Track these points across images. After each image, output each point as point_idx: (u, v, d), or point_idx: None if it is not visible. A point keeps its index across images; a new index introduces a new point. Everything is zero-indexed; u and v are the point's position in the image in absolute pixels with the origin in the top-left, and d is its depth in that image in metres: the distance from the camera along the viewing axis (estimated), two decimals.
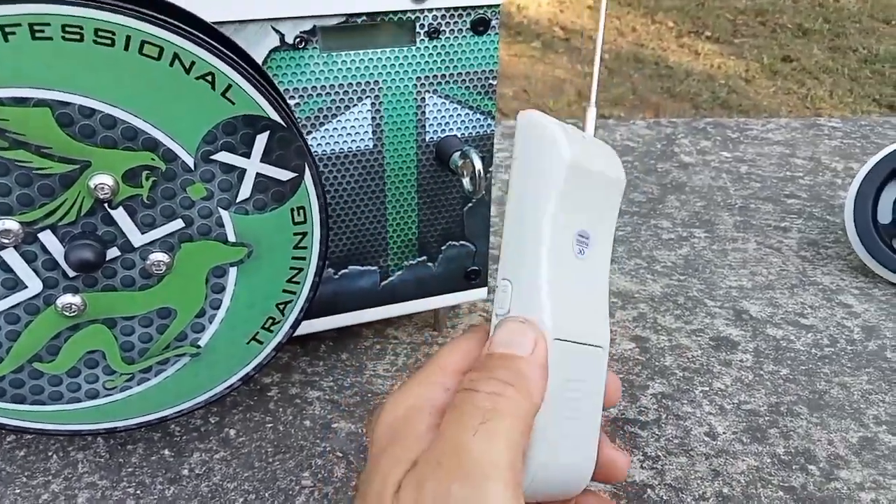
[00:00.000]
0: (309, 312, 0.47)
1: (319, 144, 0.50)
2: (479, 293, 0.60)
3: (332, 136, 0.50)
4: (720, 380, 0.59)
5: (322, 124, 0.49)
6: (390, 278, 0.56)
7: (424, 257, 0.57)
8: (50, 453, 0.50)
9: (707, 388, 0.58)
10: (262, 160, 0.41)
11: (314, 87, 0.48)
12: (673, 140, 1.04)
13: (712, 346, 0.63)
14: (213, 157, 0.40)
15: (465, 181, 0.51)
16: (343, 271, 0.54)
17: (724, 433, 0.53)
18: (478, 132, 0.53)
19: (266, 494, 0.47)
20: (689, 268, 0.74)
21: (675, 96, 2.71)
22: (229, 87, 0.39)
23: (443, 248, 0.57)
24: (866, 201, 0.71)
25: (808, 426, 0.54)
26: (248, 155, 0.41)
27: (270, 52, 0.45)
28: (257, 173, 0.42)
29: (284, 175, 0.42)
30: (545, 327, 0.27)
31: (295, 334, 0.47)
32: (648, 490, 0.49)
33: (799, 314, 0.67)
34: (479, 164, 0.50)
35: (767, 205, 0.87)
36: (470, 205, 0.56)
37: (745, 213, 0.85)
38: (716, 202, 0.88)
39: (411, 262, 0.56)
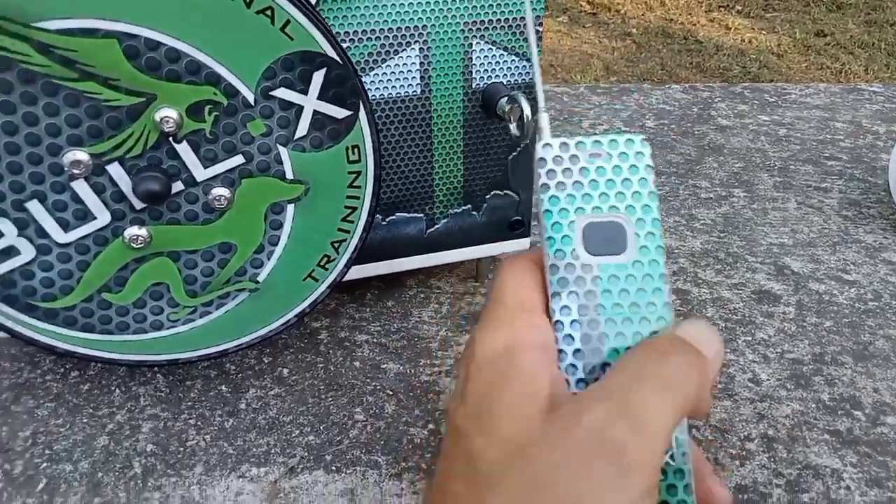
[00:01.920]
0: (358, 259, 0.48)
1: (368, 89, 0.50)
2: (522, 243, 0.61)
3: (381, 80, 0.50)
4: (763, 330, 0.59)
5: (371, 69, 0.50)
6: (436, 226, 0.57)
7: (469, 206, 0.57)
8: (113, 387, 0.52)
9: (750, 338, 0.58)
10: (319, 97, 0.42)
11: (364, 30, 0.48)
12: (710, 104, 1.03)
13: (754, 299, 0.63)
14: (272, 92, 0.41)
15: (513, 126, 0.52)
16: (391, 218, 0.56)
17: (767, 380, 0.54)
18: (524, 79, 0.54)
19: (321, 427, 0.49)
20: (728, 225, 0.74)
21: (705, 71, 2.67)
22: (288, 22, 0.40)
23: (487, 196, 0.57)
24: None
25: (852, 375, 0.54)
26: (305, 91, 0.42)
27: None
28: (314, 110, 0.42)
29: (340, 113, 0.43)
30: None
31: (344, 279, 0.49)
32: (693, 431, 0.49)
33: (842, 270, 0.67)
34: (527, 109, 0.50)
35: (807, 166, 0.86)
36: (515, 153, 0.57)
37: (785, 174, 0.84)
38: (754, 163, 0.87)
39: (456, 210, 0.57)
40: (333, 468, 0.46)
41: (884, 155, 0.88)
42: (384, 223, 0.55)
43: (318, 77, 0.42)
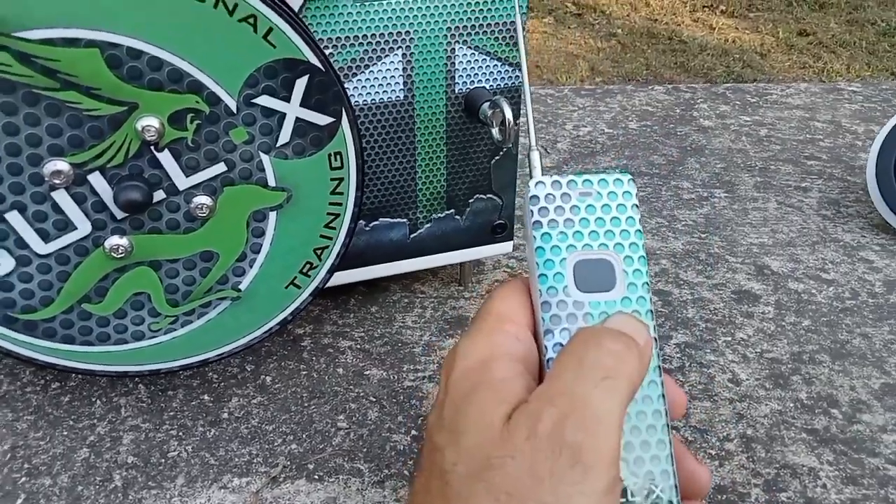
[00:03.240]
0: (341, 264, 0.49)
1: (352, 95, 0.51)
2: (504, 247, 0.61)
3: (364, 86, 0.51)
4: (742, 330, 0.60)
5: (354, 75, 0.50)
6: (419, 231, 0.57)
7: (452, 210, 0.58)
8: (94, 399, 0.52)
9: (730, 339, 0.59)
10: (302, 104, 0.42)
11: (347, 36, 0.48)
12: (692, 105, 1.04)
13: (734, 299, 0.64)
14: (254, 100, 0.41)
15: (495, 131, 0.52)
16: (374, 223, 0.56)
17: (747, 380, 0.54)
18: (506, 84, 0.54)
19: (303, 436, 0.49)
20: (710, 226, 0.75)
21: (689, 71, 2.69)
22: (270, 30, 0.40)
23: (470, 201, 0.58)
24: (889, 159, 0.71)
25: (830, 373, 0.55)
26: (287, 99, 0.42)
27: (305, 0, 0.46)
28: (297, 118, 0.43)
29: (323, 119, 0.43)
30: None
31: (326, 286, 0.49)
32: (674, 432, 0.50)
33: (820, 269, 0.68)
34: (509, 113, 0.50)
35: (788, 166, 0.87)
36: (497, 157, 0.57)
37: (766, 174, 0.85)
38: (736, 164, 0.88)
39: (440, 214, 0.57)
40: (316, 477, 0.46)
41: (862, 154, 0.89)
42: (367, 229, 0.56)
43: (301, 84, 0.42)
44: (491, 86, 0.54)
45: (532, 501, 0.22)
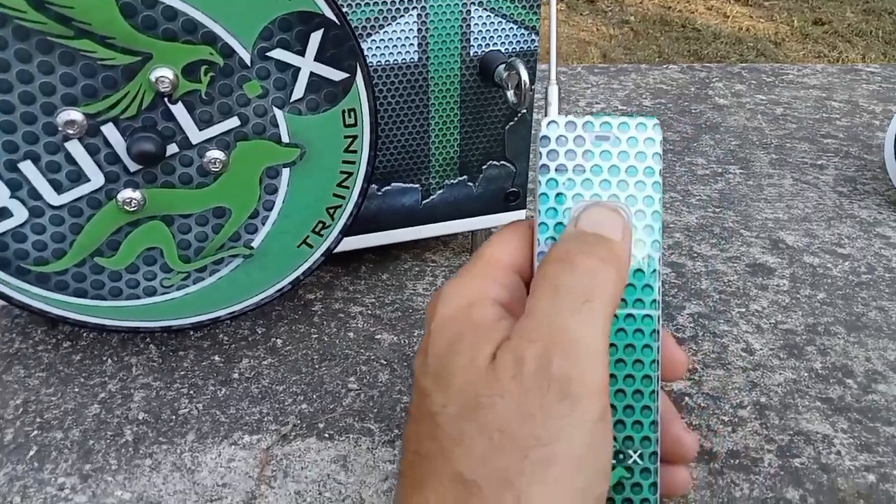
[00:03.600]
0: (353, 229, 0.48)
1: (366, 55, 0.50)
2: (517, 215, 0.61)
3: (378, 47, 0.50)
4: (757, 302, 0.59)
5: (369, 35, 0.49)
6: (431, 197, 0.57)
7: (465, 177, 0.57)
8: (105, 358, 0.52)
9: (744, 310, 0.58)
10: (316, 59, 0.42)
11: None
12: (707, 84, 1.03)
13: (748, 272, 0.63)
14: (268, 53, 0.41)
15: (510, 94, 0.51)
16: (386, 188, 0.55)
17: (760, 349, 0.54)
18: (522, 48, 0.53)
19: (314, 396, 0.49)
20: (724, 201, 0.74)
21: (703, 59, 2.66)
22: None
23: (483, 167, 0.57)
24: None
25: (845, 345, 0.54)
26: (302, 53, 0.42)
27: None
28: (311, 72, 0.42)
29: (337, 75, 0.43)
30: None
31: (337, 252, 0.48)
32: (686, 398, 0.50)
33: (836, 244, 0.67)
34: (525, 76, 0.50)
35: (803, 144, 0.86)
36: (511, 123, 0.56)
37: (781, 152, 0.84)
38: (751, 141, 0.87)
39: (452, 181, 0.57)
40: (326, 435, 0.46)
41: (880, 133, 0.88)
42: (379, 193, 0.55)
43: (316, 38, 0.42)
44: (506, 49, 0.53)
45: (525, 437, 0.21)
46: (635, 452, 0.26)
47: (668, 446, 0.27)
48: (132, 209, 0.42)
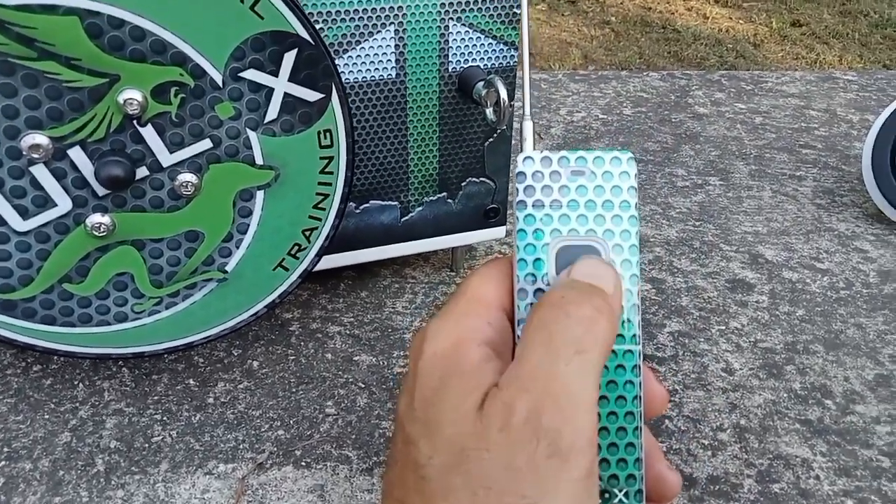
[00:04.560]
0: (331, 248, 0.47)
1: (342, 72, 0.49)
2: (497, 232, 0.60)
3: (355, 63, 0.49)
4: (736, 319, 0.59)
5: (346, 51, 0.48)
6: (410, 214, 0.56)
7: (444, 193, 0.57)
8: (76, 382, 0.51)
9: (723, 328, 0.58)
10: (290, 79, 0.41)
11: (339, 10, 0.47)
12: (687, 92, 1.03)
13: (728, 288, 0.63)
14: (241, 74, 0.40)
15: (489, 111, 0.51)
16: (365, 206, 0.54)
17: (740, 369, 0.54)
18: (501, 63, 0.53)
19: (291, 422, 0.48)
20: (704, 214, 0.74)
21: (683, 60, 2.68)
22: (258, 0, 0.38)
23: (463, 184, 0.57)
24: (884, 149, 0.71)
25: (824, 363, 0.55)
26: (276, 73, 0.40)
27: None
28: (285, 93, 0.41)
29: (312, 95, 0.42)
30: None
31: (315, 270, 0.48)
32: (667, 421, 0.49)
33: (814, 258, 0.67)
34: (503, 93, 0.49)
35: (782, 154, 0.87)
36: (491, 140, 0.56)
37: (760, 163, 0.85)
38: (730, 151, 0.87)
39: (432, 198, 0.56)
40: (303, 463, 0.45)
41: (857, 143, 0.89)
42: (357, 211, 0.54)
43: (290, 58, 0.40)
44: (485, 65, 0.52)
45: (512, 494, 0.21)
46: (620, 491, 0.26)
47: (651, 484, 0.27)
48: (101, 234, 0.41)
